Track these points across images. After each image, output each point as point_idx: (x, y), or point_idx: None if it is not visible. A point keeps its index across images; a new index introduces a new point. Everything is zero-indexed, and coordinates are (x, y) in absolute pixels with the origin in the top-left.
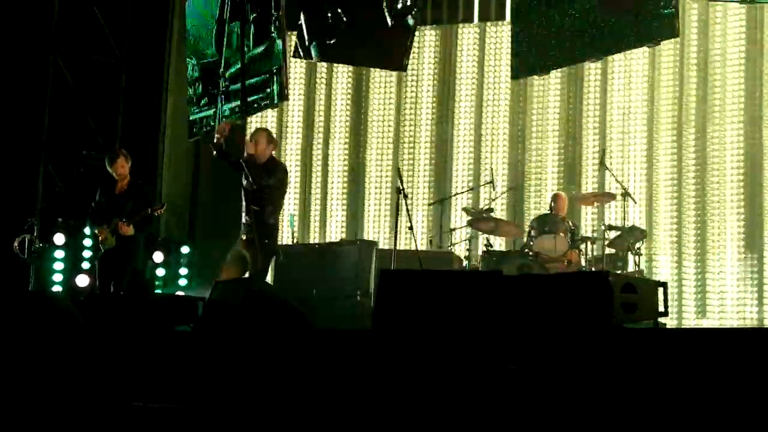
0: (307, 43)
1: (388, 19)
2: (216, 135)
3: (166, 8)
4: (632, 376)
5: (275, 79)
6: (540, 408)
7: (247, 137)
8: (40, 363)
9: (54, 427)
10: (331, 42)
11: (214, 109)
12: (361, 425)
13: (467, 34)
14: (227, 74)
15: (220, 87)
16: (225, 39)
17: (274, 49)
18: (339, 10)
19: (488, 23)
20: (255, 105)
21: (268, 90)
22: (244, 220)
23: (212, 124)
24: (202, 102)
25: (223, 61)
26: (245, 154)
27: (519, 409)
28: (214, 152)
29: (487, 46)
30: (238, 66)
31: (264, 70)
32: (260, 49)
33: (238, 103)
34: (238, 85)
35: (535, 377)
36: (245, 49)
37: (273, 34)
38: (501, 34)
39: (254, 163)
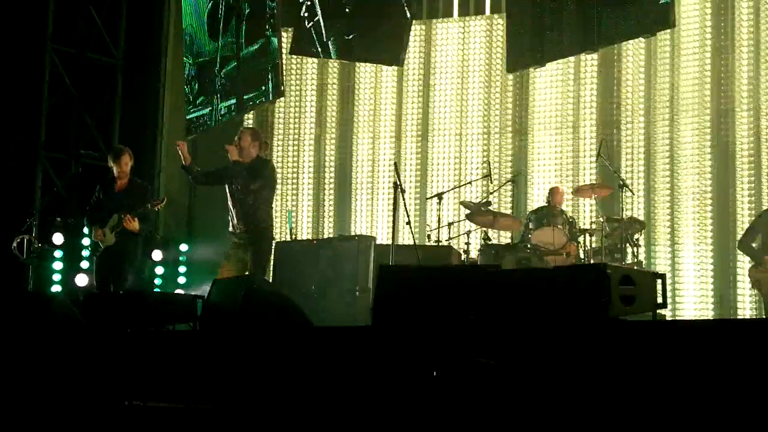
0: (324, 39)
1: (388, 12)
2: (183, 157)
3: (162, 6)
4: (631, 369)
5: (270, 76)
6: (539, 402)
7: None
8: (40, 362)
9: (53, 426)
10: (349, 38)
11: (210, 108)
12: (361, 422)
13: (466, 27)
14: (223, 72)
15: (216, 85)
16: (220, 37)
17: (270, 46)
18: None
19: (486, 16)
20: (251, 102)
21: (263, 87)
22: (234, 225)
23: (208, 123)
24: (199, 101)
25: (218, 60)
26: (230, 162)
27: (519, 403)
28: (190, 178)
29: (485, 38)
30: (234, 64)
31: (259, 68)
32: (256, 46)
33: (234, 101)
34: (234, 83)
35: (534, 371)
36: (240, 46)
37: (268, 32)
38: (499, 26)
39: (240, 169)
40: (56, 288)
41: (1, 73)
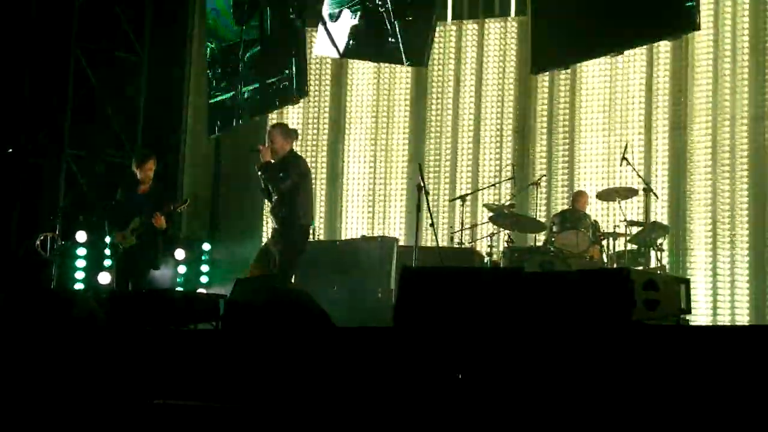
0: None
1: (414, 14)
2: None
3: (186, 4)
4: (654, 374)
5: (294, 61)
6: (561, 403)
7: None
8: (63, 361)
9: (76, 425)
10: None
11: (233, 92)
12: (382, 423)
13: (490, 29)
14: (246, 56)
15: (240, 69)
16: (245, 21)
17: (293, 29)
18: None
19: (510, 18)
20: (274, 87)
21: (287, 71)
22: (271, 222)
23: (230, 107)
24: (222, 85)
25: (242, 44)
26: (261, 162)
27: (540, 406)
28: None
29: (509, 40)
30: (258, 48)
31: (283, 51)
32: (279, 29)
33: (257, 85)
34: (257, 67)
35: (557, 373)
36: (264, 30)
37: (292, 16)
38: (523, 28)
39: (272, 168)
40: (79, 286)
41: (27, 71)
